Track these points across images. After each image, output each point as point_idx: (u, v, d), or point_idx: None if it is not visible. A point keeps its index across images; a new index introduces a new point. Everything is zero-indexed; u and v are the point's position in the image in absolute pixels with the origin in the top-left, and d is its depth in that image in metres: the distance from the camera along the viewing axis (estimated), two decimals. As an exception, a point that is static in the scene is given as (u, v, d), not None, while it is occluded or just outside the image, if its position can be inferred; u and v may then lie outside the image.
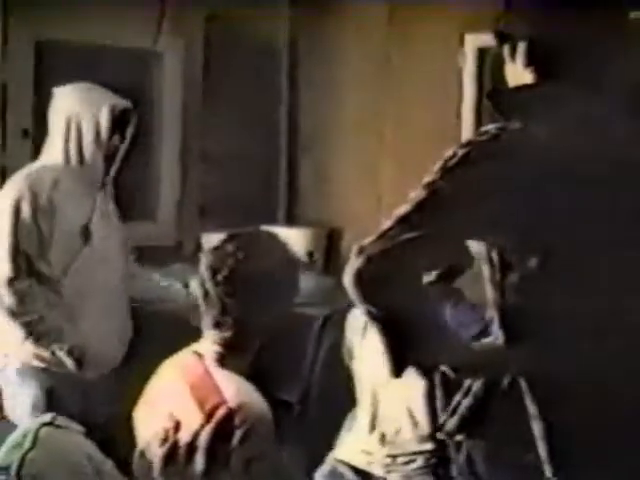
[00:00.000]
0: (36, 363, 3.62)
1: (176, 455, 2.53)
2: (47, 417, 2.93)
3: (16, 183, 3.62)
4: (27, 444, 2.74)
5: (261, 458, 2.50)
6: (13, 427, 3.09)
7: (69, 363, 3.59)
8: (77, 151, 3.65)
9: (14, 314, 3.51)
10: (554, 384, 2.05)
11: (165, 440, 2.57)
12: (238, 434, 2.46)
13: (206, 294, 2.65)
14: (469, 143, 2.06)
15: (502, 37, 2.19)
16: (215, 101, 5.36)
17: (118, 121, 3.70)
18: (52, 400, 3.52)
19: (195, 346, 2.76)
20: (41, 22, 4.66)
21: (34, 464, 2.69)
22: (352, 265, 2.01)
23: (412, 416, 3.51)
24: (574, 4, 2.10)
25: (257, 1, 5.29)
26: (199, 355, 2.70)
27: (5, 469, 2.65)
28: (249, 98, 5.45)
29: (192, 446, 2.50)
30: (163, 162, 5.38)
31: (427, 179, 2.04)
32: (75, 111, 3.66)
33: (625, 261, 2.06)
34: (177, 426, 2.56)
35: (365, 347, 3.63)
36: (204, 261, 2.68)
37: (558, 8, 2.10)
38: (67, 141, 3.66)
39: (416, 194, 2.03)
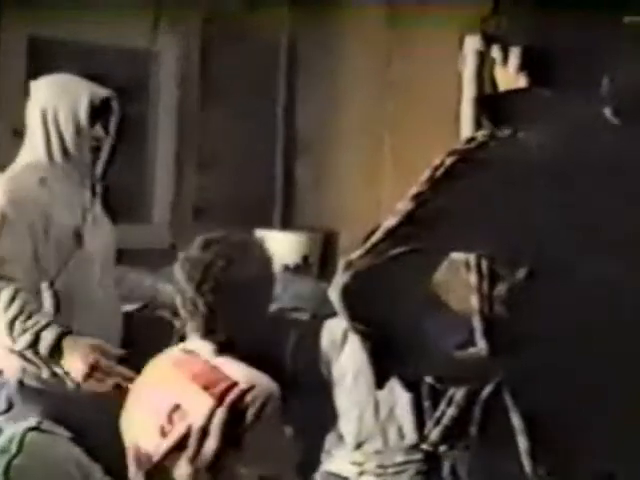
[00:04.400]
0: (34, 384, 3.42)
1: (184, 443, 2.55)
2: (33, 422, 2.95)
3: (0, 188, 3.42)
4: (13, 449, 2.76)
5: (272, 437, 2.54)
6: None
7: (70, 383, 3.38)
8: (59, 145, 3.47)
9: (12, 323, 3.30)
10: (539, 397, 2.03)
11: (162, 429, 2.57)
12: (250, 413, 2.48)
13: (193, 303, 2.67)
14: (455, 152, 2.02)
15: (490, 39, 2.16)
16: (211, 102, 5.35)
17: (99, 111, 3.50)
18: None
19: (183, 346, 2.77)
20: (34, 19, 4.62)
21: (20, 470, 2.72)
22: (339, 280, 1.97)
23: (399, 427, 3.55)
24: (566, 7, 2.07)
25: (257, 2, 5.29)
26: (191, 352, 2.72)
27: (-9, 475, 2.66)
28: (246, 99, 5.43)
29: (205, 431, 2.53)
30: (158, 163, 5.37)
31: (414, 190, 2.01)
32: (51, 103, 3.48)
33: (614, 273, 2.03)
34: (173, 411, 2.57)
35: (344, 360, 3.67)
36: (184, 271, 2.69)
37: (549, 11, 2.07)
38: (47, 136, 3.48)
39: (403, 206, 2.00)
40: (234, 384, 2.53)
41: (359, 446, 3.61)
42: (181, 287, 2.70)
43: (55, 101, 3.48)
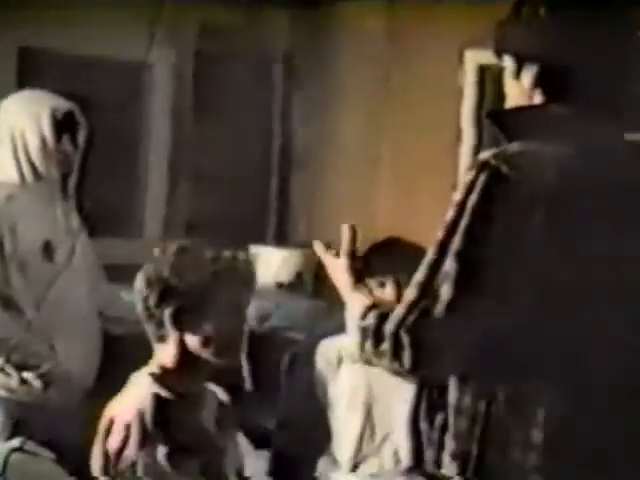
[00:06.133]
0: (2, 393, 3.48)
1: None
2: (16, 442, 2.95)
3: None
4: None
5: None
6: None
7: (38, 385, 3.46)
8: (28, 165, 3.51)
9: None
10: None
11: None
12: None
13: (150, 315, 2.68)
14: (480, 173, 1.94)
15: (503, 49, 2.11)
16: (206, 115, 5.33)
17: (64, 125, 3.53)
18: (20, 430, 3.35)
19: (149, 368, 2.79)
20: (26, 28, 4.62)
21: (4, 491, 2.74)
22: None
23: (395, 451, 3.51)
24: (582, 22, 2.03)
25: (253, 15, 5.27)
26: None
27: (-26, 496, 2.69)
28: (241, 113, 5.40)
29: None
30: (150, 177, 5.36)
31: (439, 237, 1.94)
32: (17, 122, 3.51)
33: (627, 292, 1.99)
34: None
35: (341, 382, 3.63)
36: (143, 282, 2.68)
37: (564, 26, 2.03)
38: (16, 156, 3.52)
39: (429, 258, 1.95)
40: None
41: (355, 468, 3.57)
42: (143, 297, 2.70)
43: (20, 119, 3.52)
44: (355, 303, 2.09)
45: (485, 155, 1.97)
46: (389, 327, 1.95)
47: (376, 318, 1.99)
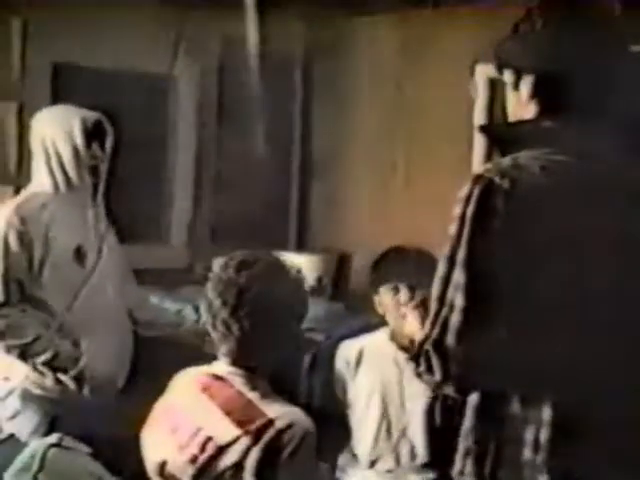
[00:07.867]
0: (38, 391, 3.60)
1: (220, 476, 2.53)
2: (54, 438, 2.93)
3: (5, 211, 3.61)
4: (35, 466, 2.78)
5: (305, 475, 2.53)
6: (21, 445, 3.10)
7: (72, 385, 3.58)
8: (61, 173, 3.64)
9: (3, 337, 3.50)
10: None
11: (195, 458, 2.56)
12: (286, 452, 2.46)
13: (226, 327, 2.60)
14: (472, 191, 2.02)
15: (503, 64, 2.18)
16: (229, 126, 5.37)
17: (93, 134, 3.67)
18: (54, 428, 3.40)
19: (211, 369, 2.71)
20: (59, 45, 4.70)
21: (43, 487, 2.68)
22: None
23: (411, 447, 3.56)
24: (576, 36, 2.08)
25: (272, 27, 5.28)
26: (220, 378, 2.66)
27: (15, 491, 2.63)
28: (263, 122, 5.43)
29: (238, 466, 2.50)
30: (176, 185, 5.41)
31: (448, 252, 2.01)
32: (49, 133, 3.65)
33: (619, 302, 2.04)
34: (206, 443, 2.56)
35: (359, 381, 3.69)
36: (217, 292, 2.62)
37: (559, 39, 2.09)
38: (50, 165, 3.65)
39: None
40: (270, 422, 2.49)
41: (372, 465, 3.62)
42: (214, 310, 2.62)
43: (52, 130, 3.65)
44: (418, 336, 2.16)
45: (479, 169, 2.03)
46: (424, 346, 2.01)
47: (417, 344, 2.03)
